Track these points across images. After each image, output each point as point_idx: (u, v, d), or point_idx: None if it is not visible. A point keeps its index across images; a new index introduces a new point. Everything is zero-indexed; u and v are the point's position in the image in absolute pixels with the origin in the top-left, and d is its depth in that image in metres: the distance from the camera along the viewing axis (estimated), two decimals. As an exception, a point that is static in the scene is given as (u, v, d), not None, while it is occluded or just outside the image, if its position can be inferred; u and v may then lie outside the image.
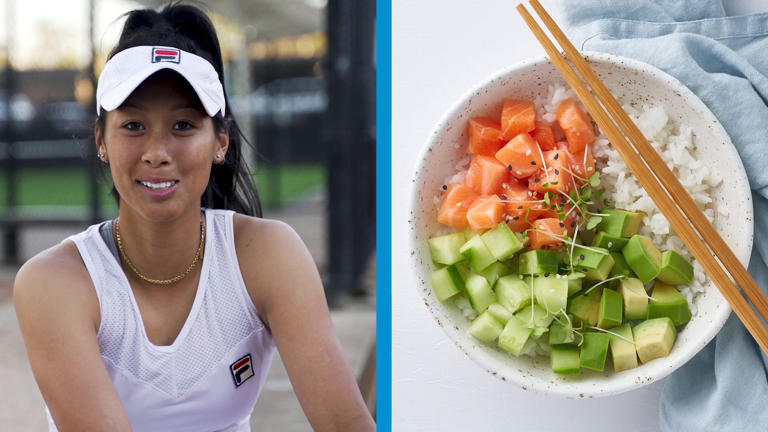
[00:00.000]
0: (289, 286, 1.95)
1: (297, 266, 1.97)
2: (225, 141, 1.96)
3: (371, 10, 7.88)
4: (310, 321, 1.93)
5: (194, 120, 1.86)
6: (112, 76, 1.88)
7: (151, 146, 1.84)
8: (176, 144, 1.85)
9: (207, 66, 1.90)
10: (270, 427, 3.80)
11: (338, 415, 1.90)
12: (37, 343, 1.85)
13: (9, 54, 10.78)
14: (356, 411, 1.91)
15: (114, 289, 1.93)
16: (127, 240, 1.95)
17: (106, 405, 1.83)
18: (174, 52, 1.87)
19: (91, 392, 1.83)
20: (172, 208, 1.86)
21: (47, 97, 21.46)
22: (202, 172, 1.88)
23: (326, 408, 1.90)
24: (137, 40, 1.90)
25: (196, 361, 1.96)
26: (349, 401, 1.91)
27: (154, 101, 1.84)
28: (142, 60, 1.86)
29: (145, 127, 1.85)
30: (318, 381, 1.91)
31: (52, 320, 1.86)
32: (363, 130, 7.72)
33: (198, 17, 1.95)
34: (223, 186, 2.08)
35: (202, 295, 1.96)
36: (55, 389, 1.84)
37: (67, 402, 1.83)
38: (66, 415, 1.83)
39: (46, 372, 1.85)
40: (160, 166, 1.84)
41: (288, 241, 1.99)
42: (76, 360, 1.84)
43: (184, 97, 1.85)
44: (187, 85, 1.84)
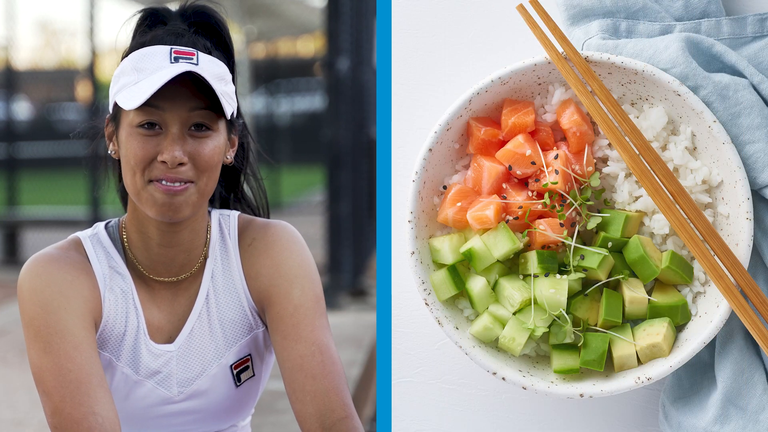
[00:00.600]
0: (287, 285, 1.95)
1: (296, 266, 1.97)
2: (235, 142, 1.97)
3: (371, 10, 7.88)
4: (305, 320, 1.94)
5: (210, 122, 1.87)
6: (128, 74, 1.88)
7: (168, 147, 1.84)
8: (192, 145, 1.86)
9: (223, 68, 1.90)
10: (270, 427, 3.80)
11: (325, 414, 1.90)
12: (35, 336, 1.86)
13: (9, 54, 10.78)
14: (343, 412, 1.90)
15: (117, 287, 1.94)
16: (134, 238, 1.95)
17: (98, 402, 1.83)
18: (192, 53, 1.87)
19: (83, 388, 1.83)
20: (181, 208, 1.86)
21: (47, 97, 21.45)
22: (213, 175, 1.89)
23: (313, 407, 1.90)
24: (154, 39, 1.90)
25: (197, 360, 1.96)
26: (336, 401, 1.91)
27: (173, 102, 1.84)
28: (160, 60, 1.86)
29: (161, 128, 1.85)
30: (307, 379, 1.91)
31: (51, 314, 1.86)
32: (363, 130, 7.72)
33: (213, 17, 1.95)
34: (229, 187, 2.08)
35: (205, 294, 1.97)
36: (49, 382, 1.84)
37: (58, 396, 1.83)
38: (56, 408, 1.83)
39: (41, 365, 1.85)
40: (177, 166, 1.84)
41: (289, 240, 1.99)
42: (72, 355, 1.85)
43: (201, 99, 1.85)
44: (204, 87, 1.84)
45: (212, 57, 1.90)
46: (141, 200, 1.88)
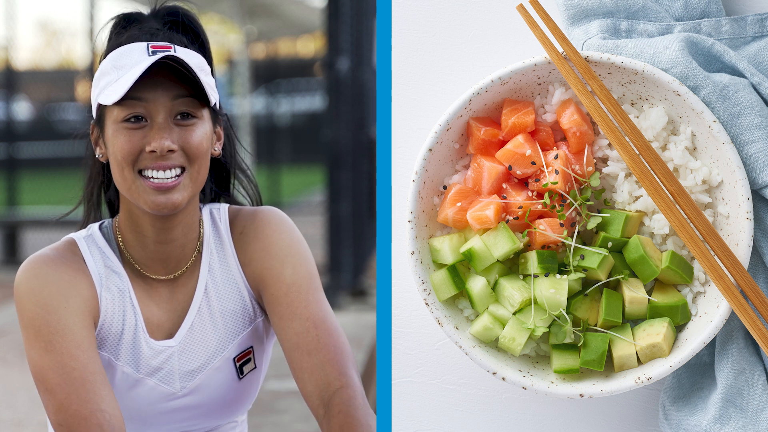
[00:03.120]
0: (279, 266, 1.97)
1: (286, 245, 1.98)
2: (221, 135, 1.99)
3: (371, 10, 7.89)
4: (299, 298, 1.94)
5: (194, 110, 1.89)
6: (108, 73, 1.89)
7: (156, 136, 1.85)
8: (179, 133, 1.87)
9: (201, 59, 1.93)
10: (270, 427, 3.80)
11: (323, 388, 1.90)
12: (36, 336, 1.87)
13: (9, 54, 10.78)
14: (338, 382, 1.89)
15: (114, 285, 1.94)
16: (128, 237, 1.96)
17: (103, 399, 1.83)
18: (169, 47, 1.89)
19: (88, 385, 1.84)
20: (176, 199, 1.87)
21: (47, 97, 21.46)
22: (205, 162, 1.91)
23: (312, 383, 1.90)
24: (130, 38, 1.92)
25: (199, 353, 1.97)
26: (332, 373, 1.90)
27: (155, 92, 1.86)
28: (138, 55, 1.88)
29: (146, 120, 1.86)
30: (304, 356, 1.91)
31: (51, 313, 1.87)
32: (363, 130, 7.72)
33: (186, 16, 1.98)
34: (219, 182, 2.09)
35: (203, 287, 1.98)
36: (52, 381, 1.84)
37: (63, 393, 1.83)
38: (61, 406, 1.83)
39: (43, 364, 1.86)
40: (167, 154, 1.85)
41: (277, 223, 2.00)
42: (74, 353, 1.85)
43: (184, 88, 1.87)
44: (185, 75, 1.85)
45: (189, 50, 1.92)
46: (133, 194, 1.88)
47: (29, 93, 20.67)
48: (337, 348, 1.92)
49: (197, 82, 1.85)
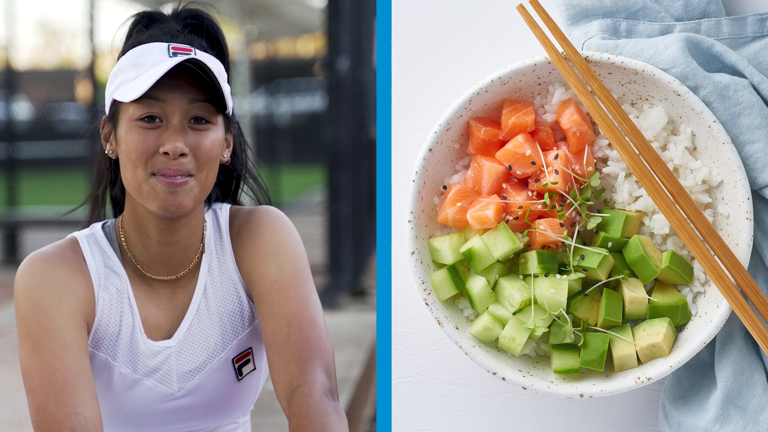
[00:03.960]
0: (264, 264, 1.96)
1: (274, 243, 1.98)
2: (230, 142, 1.98)
3: (371, 10, 7.89)
4: (279, 296, 1.94)
5: (209, 115, 1.89)
6: (127, 70, 1.89)
7: (170, 138, 1.85)
8: (192, 137, 1.87)
9: (220, 65, 1.93)
10: (270, 427, 3.80)
11: (287, 389, 1.88)
12: (26, 334, 1.87)
13: (9, 54, 10.78)
14: (297, 380, 1.86)
15: (112, 286, 1.94)
16: (132, 237, 1.96)
17: (82, 403, 1.83)
18: (189, 50, 1.90)
19: (69, 388, 1.84)
20: (183, 202, 1.87)
21: (47, 97, 21.46)
22: (213, 168, 1.91)
23: (280, 383, 1.89)
24: (151, 37, 1.92)
25: (197, 354, 1.97)
26: (294, 371, 1.87)
27: (172, 94, 1.86)
28: (159, 55, 1.88)
29: (162, 120, 1.87)
30: (274, 356, 1.90)
31: (42, 313, 1.87)
32: (363, 130, 7.72)
33: (207, 20, 1.98)
34: (224, 188, 2.09)
35: (203, 288, 1.98)
36: (35, 381, 1.85)
37: (43, 395, 1.84)
38: (40, 407, 1.83)
39: (29, 363, 1.86)
40: (178, 158, 1.85)
41: (268, 220, 2.00)
42: (60, 355, 1.85)
43: (201, 92, 1.87)
44: (203, 80, 1.85)
45: (209, 55, 1.92)
46: (142, 195, 1.88)
47: (29, 93, 20.67)
48: (306, 345, 1.89)
49: (216, 87, 1.85)
